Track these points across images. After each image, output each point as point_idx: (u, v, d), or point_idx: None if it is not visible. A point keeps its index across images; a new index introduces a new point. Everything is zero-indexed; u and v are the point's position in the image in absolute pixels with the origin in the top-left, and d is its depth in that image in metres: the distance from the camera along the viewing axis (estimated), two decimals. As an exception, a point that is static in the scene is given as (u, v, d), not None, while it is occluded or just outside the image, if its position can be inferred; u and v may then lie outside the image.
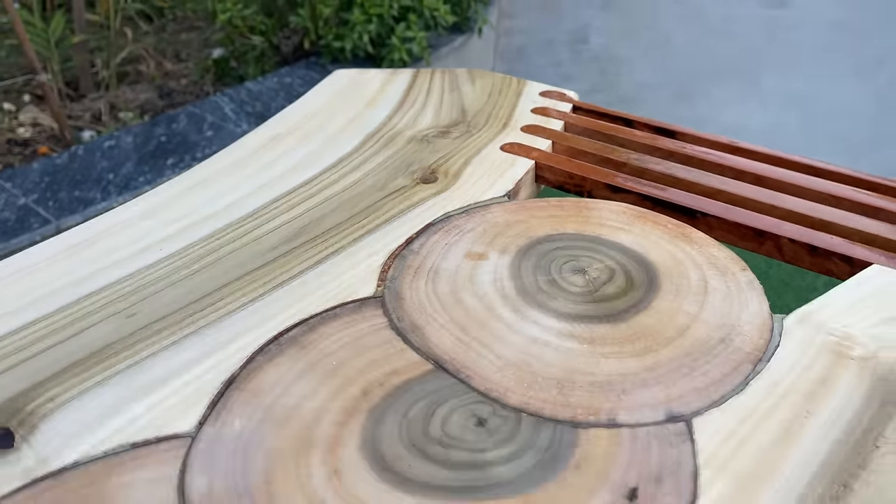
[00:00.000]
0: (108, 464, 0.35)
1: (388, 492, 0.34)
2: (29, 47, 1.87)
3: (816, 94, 2.69)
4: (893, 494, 0.33)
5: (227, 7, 1.99)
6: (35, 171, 1.47)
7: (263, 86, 1.91)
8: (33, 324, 0.44)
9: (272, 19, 2.06)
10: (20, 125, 2.26)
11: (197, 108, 1.75)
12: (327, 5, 1.94)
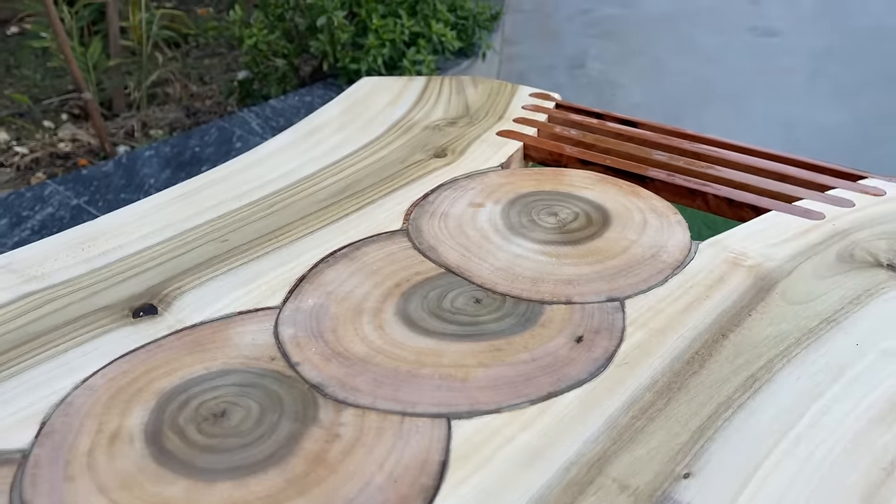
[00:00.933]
0: (224, 322, 0.52)
1: (414, 337, 0.50)
2: (76, 69, 2.06)
3: (800, 117, 2.87)
4: (757, 338, 0.50)
5: (253, 33, 2.19)
6: (85, 177, 1.65)
7: (286, 103, 2.10)
8: (161, 244, 0.61)
9: (293, 44, 2.26)
10: (60, 140, 2.45)
11: (226, 122, 1.93)
12: (345, 31, 2.13)
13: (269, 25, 2.25)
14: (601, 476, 0.40)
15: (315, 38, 2.16)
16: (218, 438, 0.42)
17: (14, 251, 0.60)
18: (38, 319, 0.52)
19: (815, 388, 0.45)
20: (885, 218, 0.64)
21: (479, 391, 0.45)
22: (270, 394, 0.45)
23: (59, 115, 2.71)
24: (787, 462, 0.40)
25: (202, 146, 1.87)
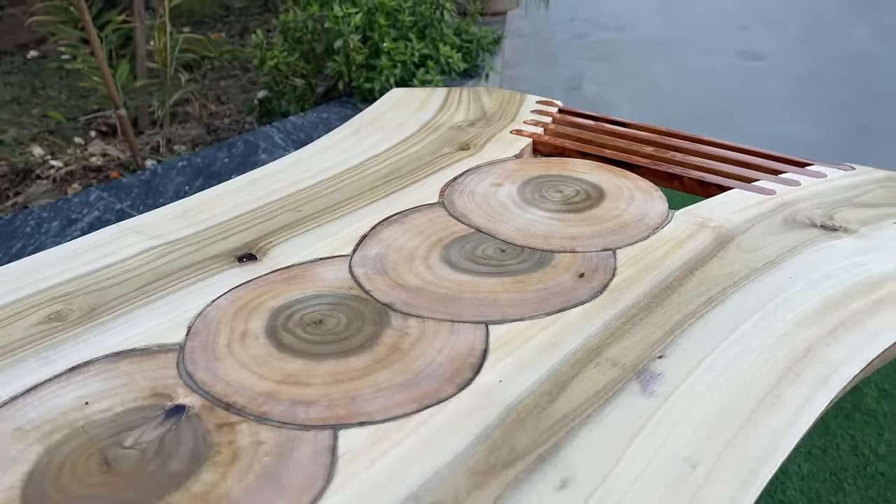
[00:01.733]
0: (310, 264, 0.68)
1: (455, 274, 0.66)
2: (112, 88, 2.24)
3: (784, 133, 3.05)
4: (716, 274, 0.66)
5: (274, 55, 2.36)
6: (125, 185, 1.81)
7: (305, 119, 2.27)
8: (247, 213, 0.77)
9: (311, 65, 2.43)
10: (91, 155, 2.61)
11: (251, 136, 2.10)
12: (359, 53, 2.31)
13: (289, 48, 2.42)
14: (599, 357, 0.56)
15: (332, 60, 2.34)
16: (320, 336, 0.58)
17: (131, 219, 0.76)
18: (168, 263, 0.68)
19: (756, 305, 0.61)
20: (823, 193, 0.80)
21: (507, 307, 0.61)
22: (353, 309, 0.61)
23: (88, 133, 2.88)
24: (732, 349, 0.56)
25: (230, 158, 2.03)
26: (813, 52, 4.17)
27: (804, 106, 3.38)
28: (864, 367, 0.55)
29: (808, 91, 3.58)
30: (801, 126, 3.15)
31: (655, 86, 3.60)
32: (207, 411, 0.50)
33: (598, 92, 3.46)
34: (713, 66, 3.93)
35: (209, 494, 0.44)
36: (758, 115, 3.28)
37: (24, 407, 0.50)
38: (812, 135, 3.05)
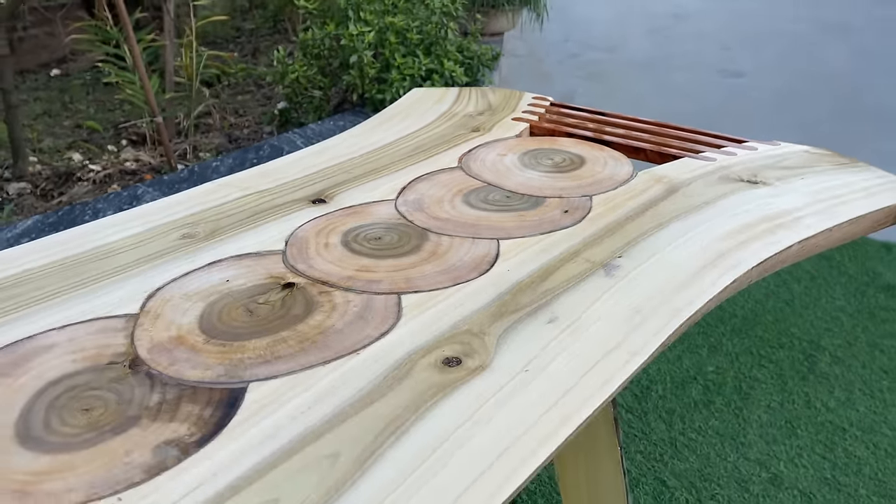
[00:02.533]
0: (365, 205, 0.92)
1: (473, 211, 0.90)
2: (151, 98, 2.49)
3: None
4: (665, 211, 0.90)
5: (294, 69, 2.62)
6: (167, 181, 2.06)
7: (323, 127, 2.52)
8: (310, 175, 1.02)
9: (328, 78, 2.69)
10: (125, 160, 2.86)
11: (276, 141, 2.35)
12: (372, 68, 2.56)
13: (308, 63, 2.68)
14: (577, 257, 0.80)
15: (347, 73, 2.60)
16: (380, 246, 0.82)
17: (224, 178, 1.00)
18: (260, 204, 0.92)
19: (691, 227, 0.86)
20: (752, 160, 1.05)
21: (512, 230, 0.86)
22: (401, 231, 0.85)
23: (120, 141, 3.13)
24: (671, 252, 0.80)
25: (258, 159, 2.28)
26: (790, 70, 4.45)
27: (779, 119, 3.65)
28: (759, 262, 0.79)
29: (784, 106, 3.85)
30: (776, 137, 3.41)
31: (641, 100, 3.87)
32: (310, 286, 0.74)
33: (588, 105, 3.72)
34: (696, 82, 4.21)
35: (321, 325, 0.68)
36: (735, 127, 3.54)
37: (185, 284, 0.74)
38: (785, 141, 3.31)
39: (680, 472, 1.56)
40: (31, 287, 0.73)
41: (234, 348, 0.64)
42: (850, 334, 2.02)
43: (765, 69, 4.47)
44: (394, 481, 0.51)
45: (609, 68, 4.50)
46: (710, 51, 4.87)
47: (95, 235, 0.84)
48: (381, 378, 0.61)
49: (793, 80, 4.24)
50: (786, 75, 4.34)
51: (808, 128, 3.50)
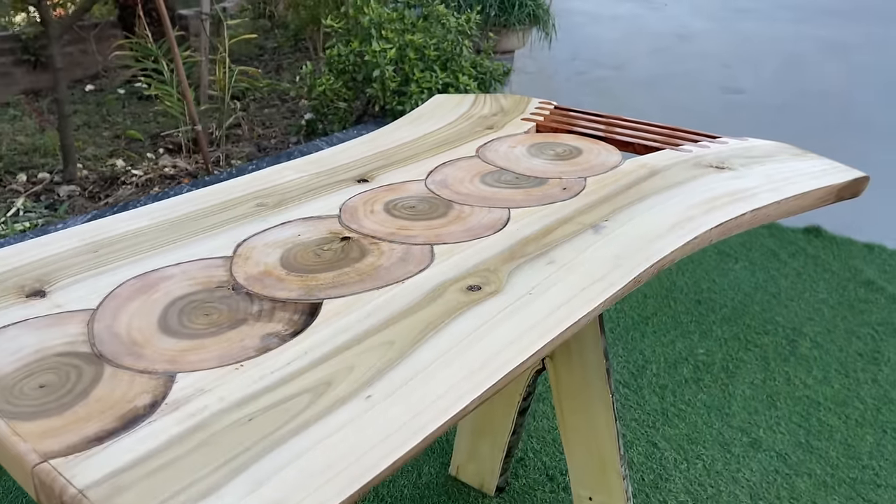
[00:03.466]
0: (401, 183, 1.13)
1: (488, 188, 1.11)
2: (192, 108, 2.72)
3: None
4: (647, 188, 1.11)
5: (321, 82, 2.85)
6: (208, 182, 2.28)
7: (347, 136, 2.74)
8: (355, 161, 1.23)
9: (352, 91, 2.92)
10: (164, 166, 3.09)
11: (304, 148, 2.57)
12: (393, 81, 2.79)
13: (334, 77, 2.91)
14: (570, 221, 1.00)
15: (370, 86, 2.82)
16: (414, 213, 1.03)
17: (279, 164, 1.22)
18: (315, 182, 1.13)
19: (666, 199, 1.06)
20: (722, 152, 1.26)
21: (520, 202, 1.06)
22: (430, 202, 1.06)
23: (157, 149, 3.36)
24: (647, 216, 1.01)
25: (290, 163, 2.50)
26: (787, 86, 4.66)
27: (773, 132, 3.86)
28: (718, 224, 0.99)
29: (779, 119, 4.06)
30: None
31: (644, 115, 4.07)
32: (362, 239, 0.95)
33: (594, 119, 3.93)
34: (697, 98, 4.42)
35: (373, 265, 0.88)
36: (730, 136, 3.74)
37: (264, 237, 0.95)
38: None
39: (669, 437, 1.75)
40: (145, 239, 0.94)
41: (309, 278, 0.85)
42: (830, 323, 2.21)
43: (764, 86, 4.68)
44: (432, 358, 0.71)
45: (615, 85, 4.72)
46: (711, 69, 5.09)
47: (186, 205, 1.05)
48: (421, 297, 0.82)
49: (789, 96, 4.44)
50: (783, 92, 4.55)
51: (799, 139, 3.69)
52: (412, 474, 1.65)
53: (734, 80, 4.83)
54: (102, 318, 0.77)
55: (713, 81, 4.78)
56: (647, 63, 5.28)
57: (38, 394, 0.66)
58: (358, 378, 0.69)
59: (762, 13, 7.01)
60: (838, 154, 3.31)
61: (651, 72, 5.04)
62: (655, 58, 5.42)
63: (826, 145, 3.62)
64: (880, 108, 4.28)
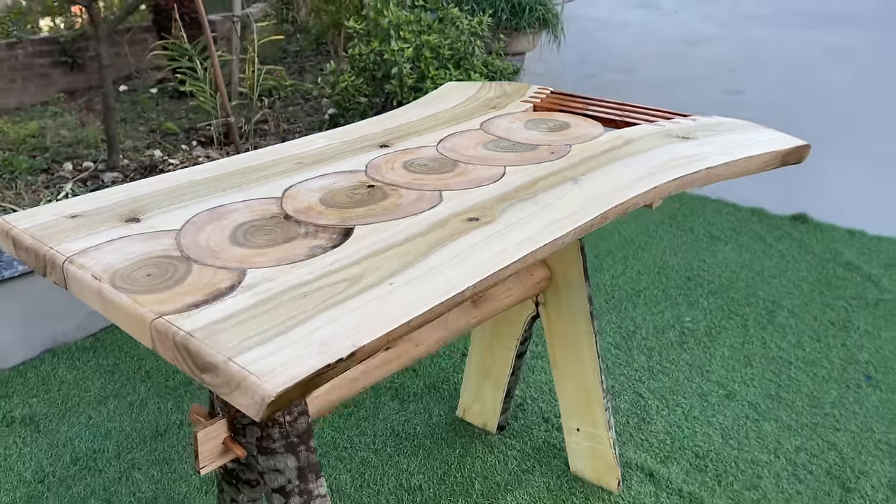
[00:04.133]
0: (418, 147, 1.36)
1: (489, 151, 1.34)
2: (227, 103, 2.96)
3: (749, 148, 3.71)
4: (624, 151, 1.33)
5: (345, 79, 3.09)
6: (242, 166, 2.52)
7: (367, 128, 2.99)
8: (378, 133, 1.46)
9: (371, 87, 3.15)
10: (198, 157, 3.34)
11: (329, 138, 2.81)
12: (410, 78, 3.02)
13: (356, 74, 3.15)
14: (556, 175, 1.23)
15: (388, 83, 3.06)
16: (427, 170, 1.26)
17: (312, 135, 1.45)
18: (344, 147, 1.36)
19: (635, 160, 1.28)
20: (689, 126, 1.48)
21: (515, 161, 1.29)
22: (441, 161, 1.29)
23: (191, 142, 3.62)
24: (619, 172, 1.23)
25: (315, 151, 2.74)
26: (789, 88, 4.85)
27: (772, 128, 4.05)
28: (675, 178, 1.21)
29: (775, 116, 4.26)
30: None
31: (649, 114, 4.29)
32: (384, 186, 1.18)
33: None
34: (700, 99, 4.62)
35: (394, 203, 1.11)
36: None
37: (306, 185, 1.19)
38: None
39: (654, 389, 1.97)
40: (210, 186, 1.18)
41: (343, 212, 1.08)
42: (807, 296, 2.41)
43: (765, 88, 4.88)
44: (438, 263, 0.94)
45: (623, 88, 4.93)
46: (717, 73, 5.29)
47: (240, 163, 1.29)
48: (431, 225, 1.04)
49: (789, 97, 4.64)
50: (784, 93, 4.74)
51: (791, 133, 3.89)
52: (424, 415, 1.88)
53: (738, 82, 5.03)
54: (186, 235, 1.01)
55: (717, 84, 4.99)
56: (655, 67, 5.49)
57: (147, 280, 0.89)
58: (383, 273, 0.92)
59: (771, 19, 7.20)
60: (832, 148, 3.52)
61: (659, 75, 5.25)
62: (664, 62, 5.63)
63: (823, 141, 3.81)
64: (879, 108, 4.47)
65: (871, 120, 4.25)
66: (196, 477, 1.68)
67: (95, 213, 1.08)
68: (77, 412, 1.89)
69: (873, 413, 1.89)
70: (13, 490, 1.64)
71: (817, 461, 1.73)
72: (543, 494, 1.64)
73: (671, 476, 1.68)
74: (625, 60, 5.65)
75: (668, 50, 6.01)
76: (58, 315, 2.16)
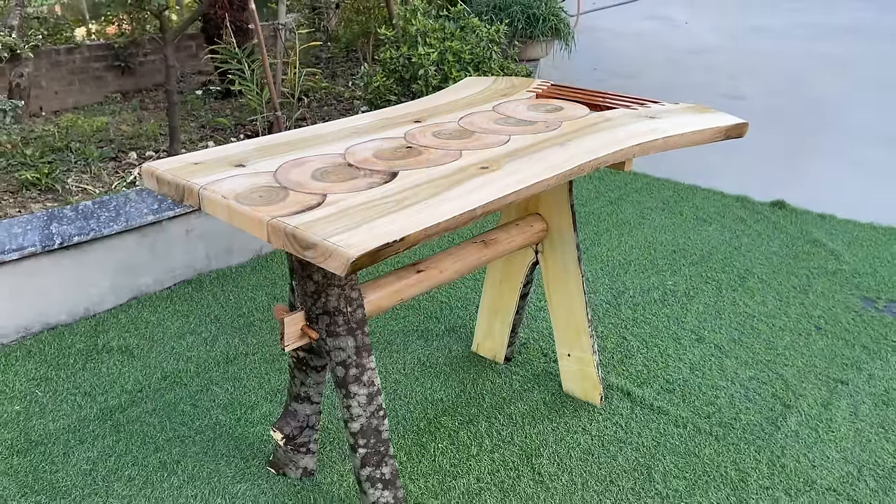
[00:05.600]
0: (442, 122, 1.77)
1: (499, 125, 1.75)
2: (275, 99, 3.40)
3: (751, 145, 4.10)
4: (598, 126, 1.73)
5: (377, 80, 3.52)
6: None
7: (397, 122, 3.41)
8: (411, 112, 1.87)
9: (401, 87, 3.58)
10: (246, 147, 3.77)
11: (363, 130, 3.23)
12: (434, 79, 3.44)
13: (386, 75, 3.58)
14: (548, 142, 1.63)
15: (415, 83, 3.48)
16: (450, 137, 1.67)
17: (359, 114, 1.86)
18: (386, 122, 1.78)
19: (610, 131, 1.69)
20: (659, 109, 1.88)
21: (517, 133, 1.70)
22: (461, 131, 1.70)
23: (238, 136, 4.06)
24: (595, 138, 1.63)
25: (352, 141, 3.17)
26: (787, 94, 5.22)
27: (765, 129, 4.43)
28: (638, 143, 1.61)
29: (771, 119, 4.63)
30: (764, 140, 4.19)
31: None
32: (420, 147, 1.59)
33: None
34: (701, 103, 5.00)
35: (427, 158, 1.52)
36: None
37: (360, 146, 1.60)
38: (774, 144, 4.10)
39: (636, 334, 2.36)
40: (290, 146, 1.60)
41: (390, 162, 1.50)
42: (776, 267, 2.79)
43: (764, 93, 5.25)
44: (457, 195, 1.35)
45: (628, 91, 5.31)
46: (719, 79, 5.67)
47: (308, 132, 1.70)
48: (453, 171, 1.45)
49: (785, 102, 5.01)
50: (781, 98, 5.11)
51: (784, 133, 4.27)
52: (445, 350, 2.28)
53: (737, 88, 5.41)
54: (280, 174, 1.43)
55: (717, 90, 5.37)
56: (660, 73, 5.88)
57: (259, 198, 1.31)
58: (419, 198, 1.32)
59: (776, 31, 7.56)
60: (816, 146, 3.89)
61: (663, 80, 5.63)
62: (669, 69, 6.02)
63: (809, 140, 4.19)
64: (864, 113, 4.82)
65: (855, 123, 4.61)
66: (262, 389, 2.10)
67: (211, 162, 1.50)
68: (161, 344, 2.31)
69: (818, 354, 2.26)
70: (118, 396, 2.07)
71: (766, 387, 2.11)
72: (540, 406, 2.04)
73: (644, 395, 2.07)
74: (632, 67, 6.04)
75: (674, 58, 6.39)
76: (140, 270, 2.59)
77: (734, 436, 1.92)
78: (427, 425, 1.97)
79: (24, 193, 3.13)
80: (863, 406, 2.03)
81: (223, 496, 1.73)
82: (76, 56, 5.53)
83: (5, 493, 1.73)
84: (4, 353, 2.25)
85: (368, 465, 1.56)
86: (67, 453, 1.85)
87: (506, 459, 1.84)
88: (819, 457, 1.85)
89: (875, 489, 1.75)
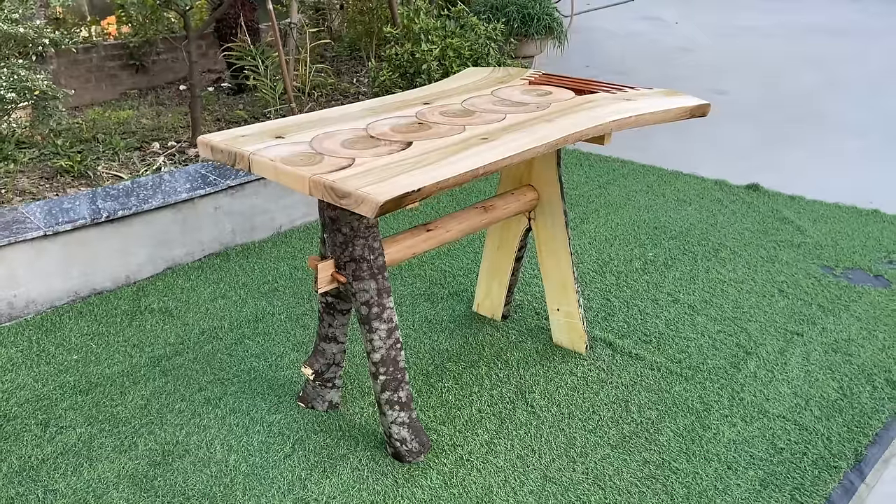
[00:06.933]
0: (447, 104, 2.07)
1: (498, 105, 2.05)
2: (290, 92, 3.68)
3: (732, 136, 4.40)
4: (586, 107, 2.03)
5: (383, 74, 3.81)
6: (306, 139, 3.24)
7: (402, 113, 3.70)
8: (421, 96, 2.17)
9: (405, 81, 3.87)
10: (262, 137, 4.06)
11: (371, 120, 3.53)
12: (436, 74, 3.74)
13: (392, 70, 3.87)
14: (538, 119, 1.92)
15: (419, 77, 3.77)
16: (455, 115, 1.96)
17: (378, 98, 2.15)
18: (398, 104, 2.07)
19: (590, 111, 1.98)
20: (633, 94, 2.17)
21: (513, 111, 1.99)
22: (466, 111, 1.99)
23: (253, 127, 4.34)
24: (580, 115, 1.93)
25: (361, 130, 3.46)
26: (767, 90, 5.53)
27: (745, 120, 4.73)
28: (614, 119, 1.90)
29: (750, 112, 4.92)
30: (739, 132, 4.49)
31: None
32: (430, 124, 1.88)
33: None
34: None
35: (436, 132, 1.82)
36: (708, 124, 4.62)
37: (379, 122, 1.89)
38: (751, 136, 4.40)
39: (619, 296, 2.66)
40: (321, 123, 1.89)
41: (405, 135, 1.79)
42: (747, 241, 3.09)
43: (746, 88, 5.55)
44: (459, 159, 1.64)
45: (619, 87, 5.60)
46: (705, 76, 5.97)
47: (333, 112, 1.99)
48: (458, 141, 1.74)
49: (765, 96, 5.32)
50: (761, 93, 5.42)
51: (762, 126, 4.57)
52: (449, 311, 2.57)
53: (722, 83, 5.71)
54: (315, 144, 1.72)
55: (704, 85, 5.67)
56: (650, 69, 6.17)
57: (300, 161, 1.60)
58: (431, 160, 1.62)
59: (761, 31, 7.87)
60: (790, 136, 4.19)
61: (652, 76, 5.93)
62: (659, 65, 6.32)
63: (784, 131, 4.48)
64: (836, 105, 5.12)
65: (827, 114, 4.91)
66: (289, 342, 2.39)
67: (255, 134, 1.79)
68: (196, 306, 2.60)
69: (779, 312, 2.56)
70: (163, 347, 2.36)
71: (731, 338, 2.40)
72: (533, 354, 2.33)
73: (624, 345, 2.36)
74: (624, 64, 6.34)
75: (664, 56, 6.69)
76: (174, 243, 2.88)
77: (701, 376, 2.21)
78: (435, 369, 2.26)
79: (59, 179, 3.41)
80: (814, 353, 2.33)
81: (261, 424, 2.02)
82: (93, 55, 5.81)
83: (73, 423, 2.01)
84: (58, 314, 2.54)
85: (388, 389, 1.85)
86: (124, 392, 2.14)
87: (503, 395, 2.14)
88: (773, 392, 2.14)
89: (819, 416, 2.04)
